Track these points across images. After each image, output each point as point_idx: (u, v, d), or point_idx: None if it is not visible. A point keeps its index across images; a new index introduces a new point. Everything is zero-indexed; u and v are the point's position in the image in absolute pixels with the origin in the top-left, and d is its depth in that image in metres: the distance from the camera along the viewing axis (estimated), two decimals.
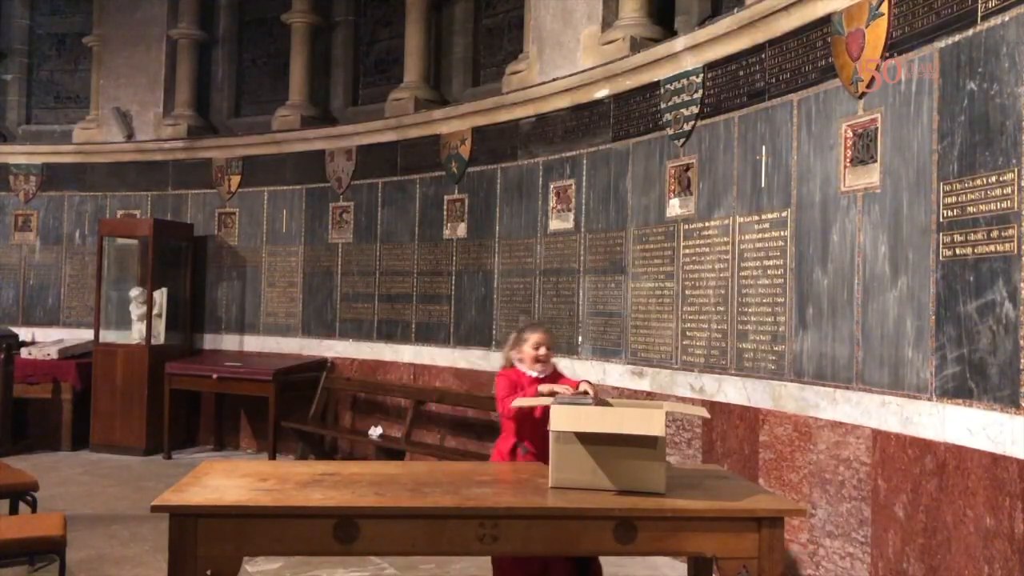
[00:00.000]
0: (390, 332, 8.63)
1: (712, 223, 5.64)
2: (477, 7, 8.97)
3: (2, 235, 10.45)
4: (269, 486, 3.30)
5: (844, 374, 4.57)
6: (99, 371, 9.11)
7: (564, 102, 7.00)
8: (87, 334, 9.58)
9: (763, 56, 5.27)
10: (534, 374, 4.17)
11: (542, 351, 4.18)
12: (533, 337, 4.20)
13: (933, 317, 3.98)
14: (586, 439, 3.29)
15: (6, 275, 10.41)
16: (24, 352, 9.35)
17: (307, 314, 9.30)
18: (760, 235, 5.24)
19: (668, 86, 6.04)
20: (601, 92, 6.64)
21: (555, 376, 4.24)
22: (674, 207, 5.96)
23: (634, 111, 6.36)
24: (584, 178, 6.82)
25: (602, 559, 3.94)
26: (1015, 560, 3.49)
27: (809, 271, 4.86)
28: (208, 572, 3.01)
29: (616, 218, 6.51)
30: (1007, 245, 3.59)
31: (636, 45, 6.46)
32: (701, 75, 5.76)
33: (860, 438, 4.41)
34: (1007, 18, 3.65)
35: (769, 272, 5.16)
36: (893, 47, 4.32)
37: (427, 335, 8.27)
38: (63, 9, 11.17)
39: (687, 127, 5.85)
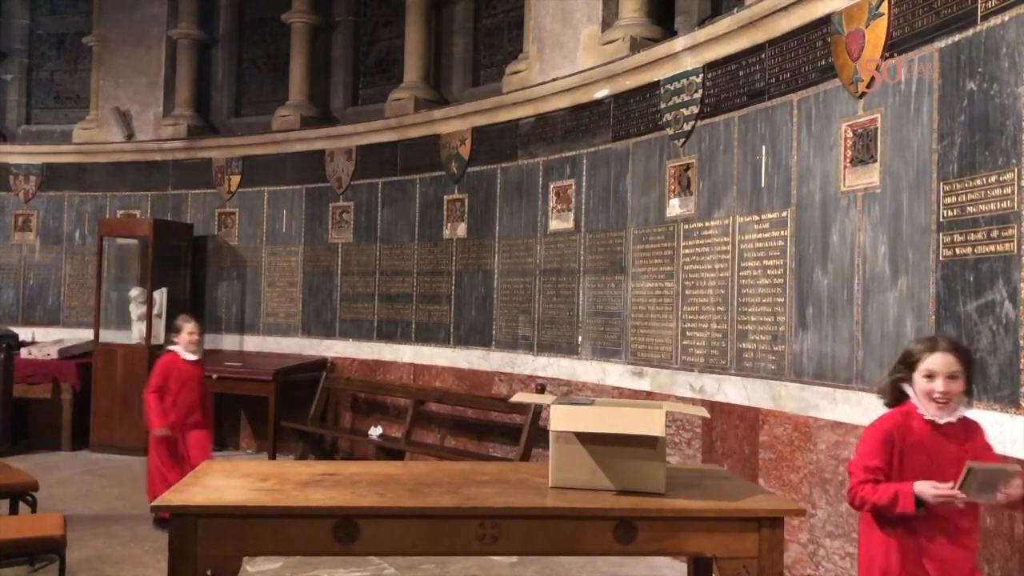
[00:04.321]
0: (390, 332, 8.63)
1: (712, 223, 5.64)
2: (477, 7, 8.97)
3: (2, 235, 10.45)
4: (269, 486, 3.30)
5: (844, 374, 4.57)
6: (99, 371, 9.11)
7: (564, 102, 7.00)
8: (87, 334, 9.57)
9: (763, 56, 5.27)
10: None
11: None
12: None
13: (933, 317, 3.98)
14: (586, 439, 3.29)
15: (6, 275, 10.41)
16: (24, 352, 9.35)
17: (307, 314, 9.30)
18: (760, 235, 5.24)
19: (668, 86, 6.04)
20: (601, 92, 6.64)
21: None
22: (674, 207, 5.96)
23: (634, 111, 6.36)
24: (584, 178, 6.81)
25: (602, 559, 3.94)
26: (1015, 560, 3.49)
27: (809, 271, 4.86)
28: (208, 572, 3.00)
29: (616, 218, 6.51)
30: (1007, 245, 3.59)
31: (636, 45, 6.46)
32: (701, 75, 5.76)
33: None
34: (1007, 18, 3.65)
35: (769, 272, 5.16)
36: (893, 47, 4.32)
37: (427, 335, 8.27)
38: (63, 9, 11.16)
39: (687, 127, 5.85)
